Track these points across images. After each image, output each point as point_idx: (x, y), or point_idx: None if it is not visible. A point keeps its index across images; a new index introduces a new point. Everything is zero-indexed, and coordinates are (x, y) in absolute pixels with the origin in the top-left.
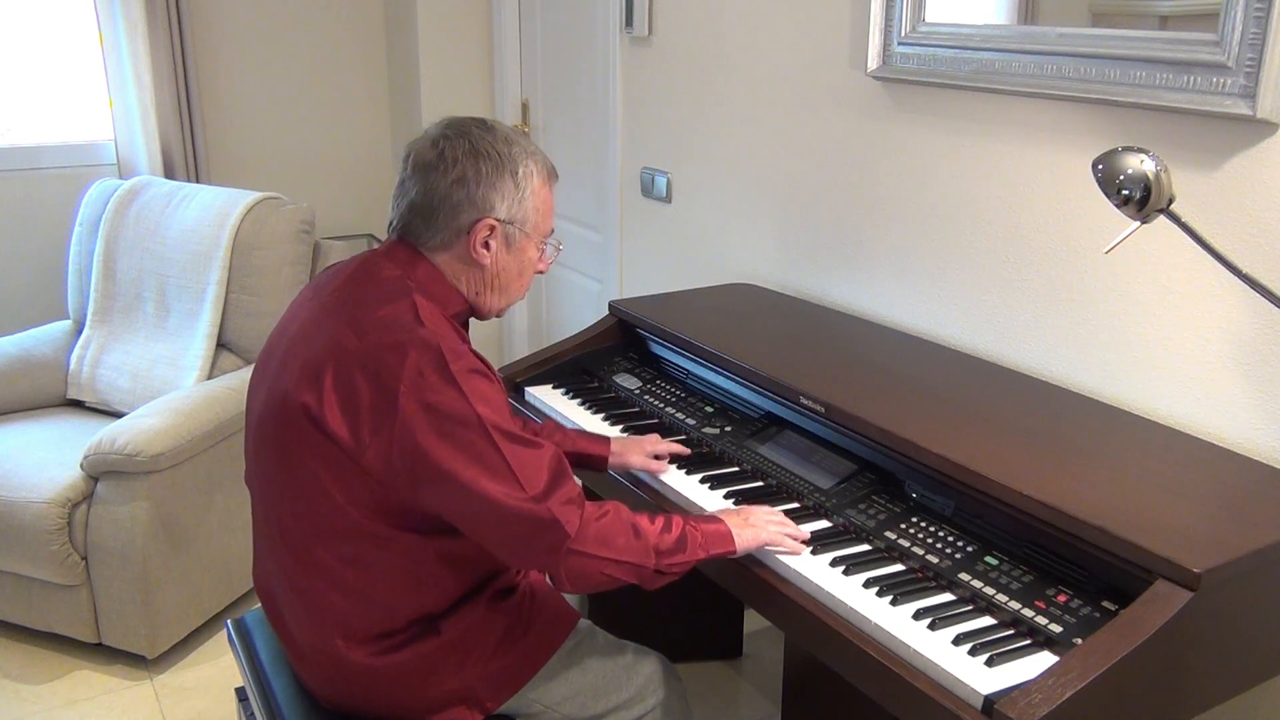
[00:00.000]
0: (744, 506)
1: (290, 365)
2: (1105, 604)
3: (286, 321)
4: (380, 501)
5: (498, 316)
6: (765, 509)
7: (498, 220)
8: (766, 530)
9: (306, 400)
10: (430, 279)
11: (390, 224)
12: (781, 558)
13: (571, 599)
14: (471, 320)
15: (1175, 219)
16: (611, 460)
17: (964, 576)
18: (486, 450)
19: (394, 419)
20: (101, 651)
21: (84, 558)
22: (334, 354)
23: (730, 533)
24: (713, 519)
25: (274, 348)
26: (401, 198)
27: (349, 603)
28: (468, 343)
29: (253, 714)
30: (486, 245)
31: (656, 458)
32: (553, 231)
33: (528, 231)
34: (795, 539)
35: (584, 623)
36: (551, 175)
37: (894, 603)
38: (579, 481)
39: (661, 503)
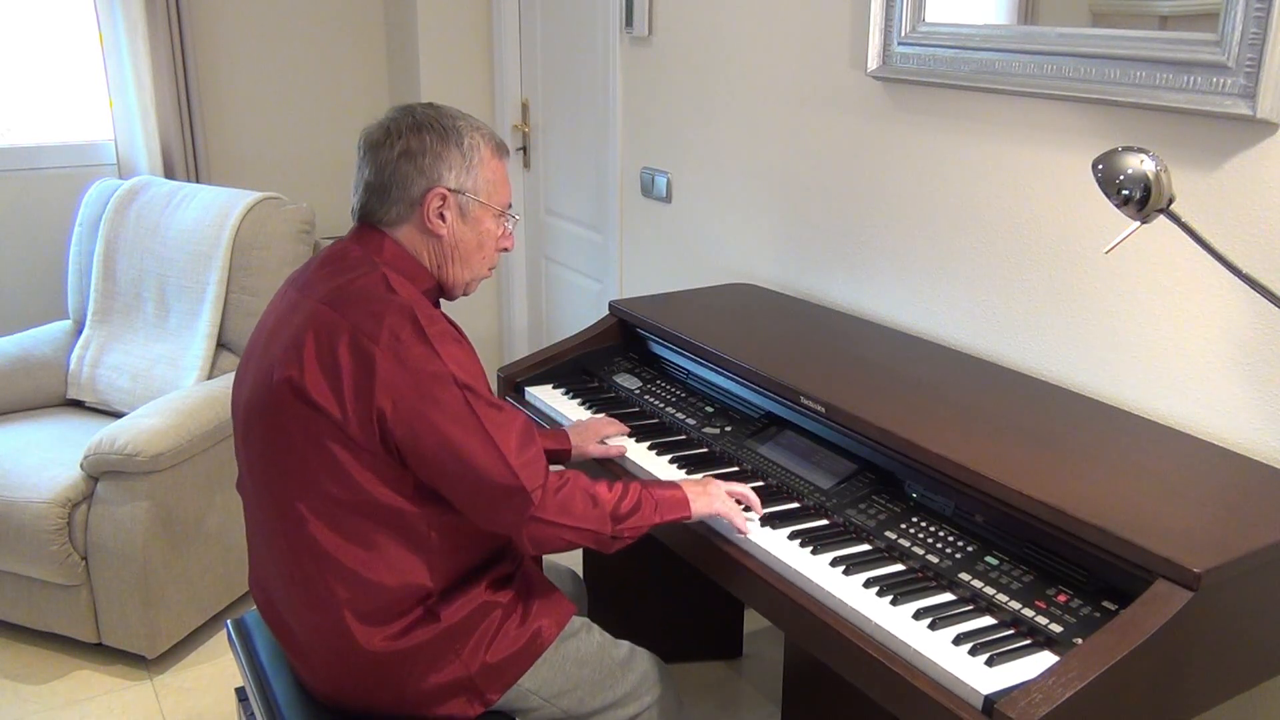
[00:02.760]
0: (706, 477)
1: (271, 350)
2: (1105, 604)
3: (266, 317)
4: (368, 470)
5: (465, 294)
6: (723, 483)
7: (448, 190)
8: (721, 500)
9: (290, 374)
10: (396, 255)
11: (352, 208)
12: (781, 556)
13: (571, 597)
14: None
15: (1175, 219)
16: (574, 455)
17: (964, 576)
18: (461, 410)
19: (373, 380)
20: (101, 651)
21: (84, 558)
22: (312, 327)
23: (686, 499)
24: (671, 485)
25: (255, 344)
26: (358, 180)
27: (348, 587)
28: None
29: (253, 714)
30: (441, 216)
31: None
32: (510, 205)
33: (482, 201)
34: (746, 514)
35: (581, 620)
36: (501, 149)
37: (894, 602)
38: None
39: None
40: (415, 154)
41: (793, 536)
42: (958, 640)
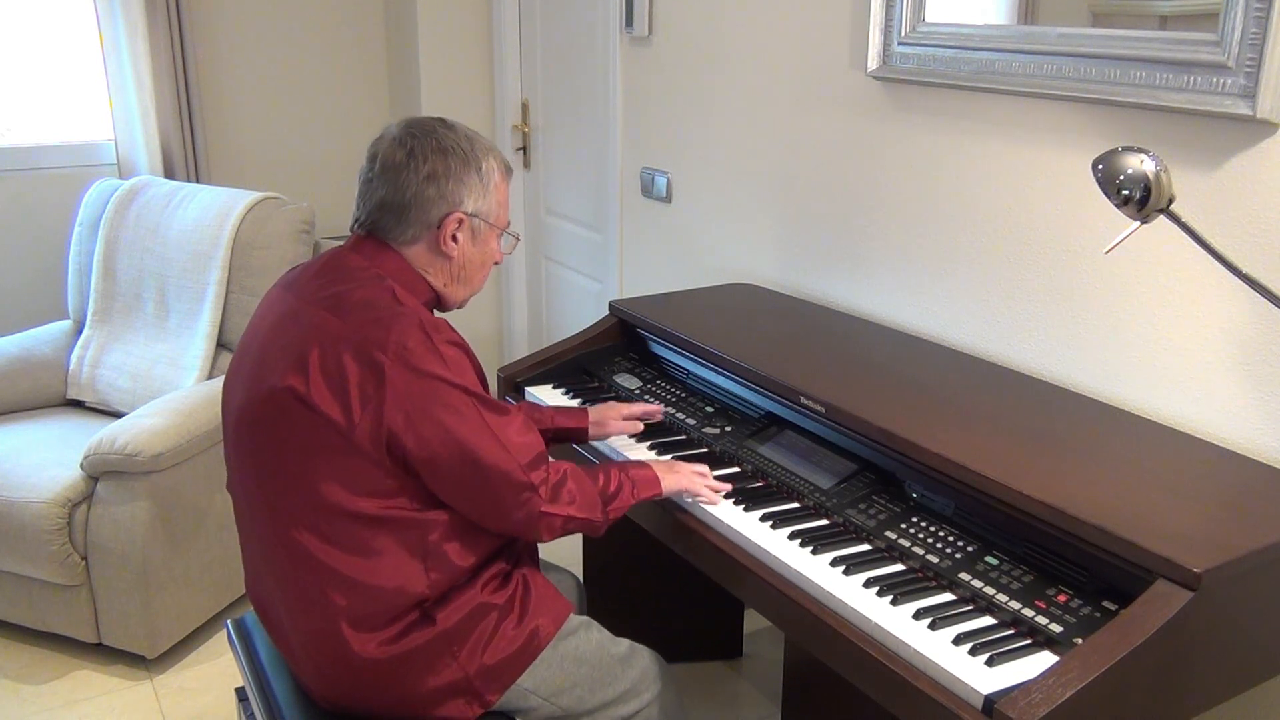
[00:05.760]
0: (673, 459)
1: (269, 357)
2: (1105, 604)
3: (258, 320)
4: (372, 479)
5: (459, 308)
6: (691, 464)
7: (465, 214)
8: (688, 478)
9: (293, 383)
10: (399, 269)
11: (356, 221)
12: (781, 556)
13: (570, 596)
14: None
15: (1175, 219)
16: (592, 431)
17: (964, 576)
18: (471, 413)
19: (382, 389)
20: (101, 651)
21: (84, 558)
22: (317, 337)
23: (657, 478)
24: (642, 465)
25: (248, 346)
26: (369, 196)
27: (345, 594)
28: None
29: (253, 714)
30: (455, 238)
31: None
32: (509, 224)
33: (490, 223)
34: (714, 489)
35: (580, 618)
36: (509, 171)
37: (894, 602)
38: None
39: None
40: (439, 178)
41: (793, 536)
42: (958, 640)
